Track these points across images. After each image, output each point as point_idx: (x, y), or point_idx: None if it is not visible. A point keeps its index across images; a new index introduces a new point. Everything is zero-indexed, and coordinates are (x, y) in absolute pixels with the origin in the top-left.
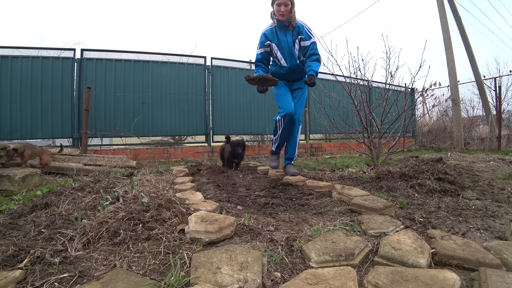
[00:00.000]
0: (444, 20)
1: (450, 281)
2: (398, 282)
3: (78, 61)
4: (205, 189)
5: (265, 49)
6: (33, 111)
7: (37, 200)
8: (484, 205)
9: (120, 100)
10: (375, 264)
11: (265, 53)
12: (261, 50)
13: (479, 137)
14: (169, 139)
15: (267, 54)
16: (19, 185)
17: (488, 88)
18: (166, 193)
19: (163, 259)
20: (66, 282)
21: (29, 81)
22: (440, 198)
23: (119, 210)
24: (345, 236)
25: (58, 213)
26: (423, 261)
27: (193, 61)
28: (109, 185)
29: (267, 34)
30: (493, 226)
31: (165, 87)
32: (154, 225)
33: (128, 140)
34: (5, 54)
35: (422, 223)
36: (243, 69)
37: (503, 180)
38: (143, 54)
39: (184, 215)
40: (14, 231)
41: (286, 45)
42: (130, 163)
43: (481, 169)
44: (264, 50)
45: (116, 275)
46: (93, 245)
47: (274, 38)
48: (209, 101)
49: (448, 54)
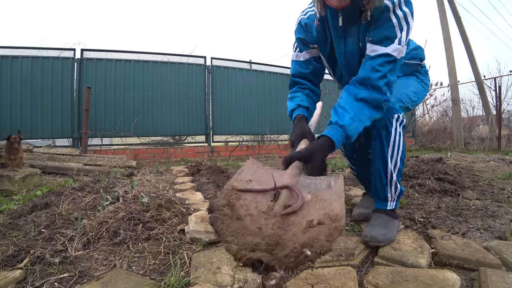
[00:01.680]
0: (444, 20)
1: (450, 281)
2: (398, 282)
3: (78, 61)
4: (205, 189)
5: (310, 53)
6: (33, 111)
7: (37, 200)
8: (484, 205)
9: (120, 100)
10: (375, 264)
11: (312, 59)
12: (302, 55)
13: (479, 137)
14: (169, 139)
15: (316, 62)
16: (19, 185)
17: (488, 88)
18: (166, 193)
19: (163, 259)
20: (66, 282)
21: (29, 81)
22: (440, 198)
23: (119, 210)
24: (345, 236)
25: (58, 213)
26: (423, 261)
27: (193, 61)
28: (109, 185)
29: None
30: (493, 226)
31: (165, 87)
32: (154, 225)
33: (128, 140)
34: (5, 54)
35: (422, 223)
36: (243, 69)
37: (503, 180)
38: (143, 54)
39: (184, 215)
40: (14, 231)
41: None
42: (130, 163)
43: (481, 169)
44: (309, 55)
45: (116, 275)
46: (93, 245)
47: (323, 38)
48: (209, 101)
49: (448, 54)
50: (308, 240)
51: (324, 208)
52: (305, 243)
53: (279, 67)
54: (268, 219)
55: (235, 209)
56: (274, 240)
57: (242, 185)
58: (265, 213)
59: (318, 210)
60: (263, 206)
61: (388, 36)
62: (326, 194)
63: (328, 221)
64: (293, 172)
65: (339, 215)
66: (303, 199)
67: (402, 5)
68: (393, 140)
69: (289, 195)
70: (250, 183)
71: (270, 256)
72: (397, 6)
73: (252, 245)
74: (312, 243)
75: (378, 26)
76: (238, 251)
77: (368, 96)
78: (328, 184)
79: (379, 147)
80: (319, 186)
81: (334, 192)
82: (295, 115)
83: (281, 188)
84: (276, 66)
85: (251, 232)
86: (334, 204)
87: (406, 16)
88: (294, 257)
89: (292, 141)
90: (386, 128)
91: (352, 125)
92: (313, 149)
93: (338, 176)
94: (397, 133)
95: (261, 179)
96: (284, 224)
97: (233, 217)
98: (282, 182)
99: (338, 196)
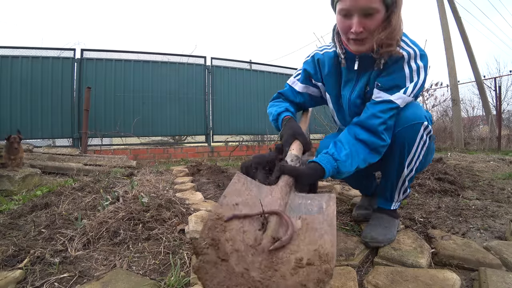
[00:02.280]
0: (444, 20)
1: (450, 281)
2: (398, 282)
3: (78, 61)
4: (205, 189)
5: (307, 88)
6: (33, 111)
7: (37, 200)
8: (484, 205)
9: (120, 100)
10: (375, 264)
11: (306, 95)
12: (299, 86)
13: (479, 137)
14: (169, 139)
15: (307, 99)
16: (19, 185)
17: (488, 88)
18: (166, 193)
19: (163, 259)
20: (66, 282)
21: (29, 81)
22: (440, 198)
23: (119, 210)
24: (345, 236)
25: (58, 213)
26: (423, 261)
27: (193, 61)
28: (109, 185)
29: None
30: (493, 226)
31: (165, 87)
32: (154, 225)
33: (128, 140)
34: (5, 54)
35: (422, 223)
36: (243, 69)
37: (503, 180)
38: (143, 54)
39: (184, 215)
40: (14, 231)
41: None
42: (130, 163)
43: (481, 169)
44: (305, 90)
45: (116, 275)
46: (93, 245)
47: (332, 82)
48: (209, 101)
49: (448, 54)
50: (296, 286)
51: (315, 243)
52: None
53: (279, 67)
54: (255, 256)
55: (220, 247)
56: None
57: (228, 211)
58: (252, 247)
59: (308, 244)
60: (250, 238)
61: (397, 85)
62: (317, 221)
63: (318, 261)
64: (283, 191)
65: (329, 254)
66: (292, 229)
67: (417, 58)
68: (415, 148)
69: (278, 223)
70: (236, 207)
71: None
72: (412, 58)
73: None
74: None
75: (389, 74)
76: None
77: (367, 139)
78: (319, 207)
79: (399, 151)
80: (310, 209)
81: (326, 220)
82: (283, 116)
83: (270, 213)
84: (276, 66)
85: (237, 282)
86: (325, 237)
87: (419, 69)
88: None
89: (284, 141)
90: (413, 134)
91: (347, 162)
92: (304, 173)
93: (330, 197)
94: (422, 141)
95: (248, 201)
96: (273, 262)
97: (218, 261)
98: (271, 204)
99: (330, 225)
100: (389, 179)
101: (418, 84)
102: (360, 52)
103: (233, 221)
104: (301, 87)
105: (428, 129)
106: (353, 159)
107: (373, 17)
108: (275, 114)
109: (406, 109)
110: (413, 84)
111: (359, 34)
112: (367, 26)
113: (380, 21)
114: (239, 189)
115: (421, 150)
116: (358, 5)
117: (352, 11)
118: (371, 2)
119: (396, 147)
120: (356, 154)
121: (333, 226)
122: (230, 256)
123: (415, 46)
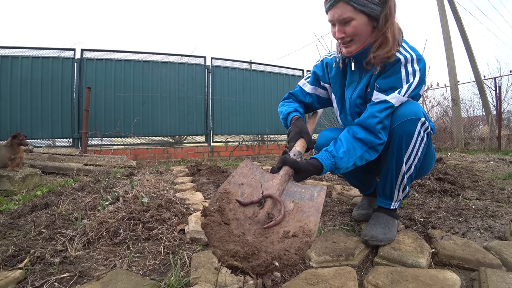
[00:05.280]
0: (444, 20)
1: (450, 281)
2: (398, 282)
3: (78, 61)
4: (205, 189)
5: (315, 90)
6: (33, 111)
7: (37, 200)
8: (484, 205)
9: (120, 100)
10: (375, 264)
11: (314, 95)
12: (309, 87)
13: (479, 137)
14: (169, 139)
15: (315, 99)
16: (19, 185)
17: (488, 88)
18: (166, 193)
19: (163, 259)
20: (66, 282)
21: (29, 81)
22: (440, 198)
23: (119, 210)
24: (345, 236)
25: (58, 213)
26: (423, 261)
27: (193, 61)
28: (109, 185)
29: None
30: (493, 226)
31: (165, 87)
32: (154, 225)
33: (128, 140)
34: (5, 54)
35: (422, 223)
36: (243, 69)
37: (503, 180)
38: (143, 54)
39: (184, 215)
40: (14, 231)
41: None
42: (130, 163)
43: (481, 169)
44: (314, 91)
45: (116, 275)
46: (93, 245)
47: (338, 83)
48: (209, 101)
49: (448, 54)
50: (280, 250)
51: (301, 221)
52: (275, 256)
53: (279, 67)
54: (251, 225)
55: (224, 213)
56: (251, 250)
57: (234, 188)
58: (250, 218)
59: (296, 222)
60: (249, 211)
61: (393, 86)
62: (307, 206)
63: (301, 234)
64: (282, 179)
65: (311, 231)
66: (284, 210)
67: (414, 62)
68: (413, 144)
69: (273, 203)
70: (241, 187)
71: (246, 263)
72: (409, 62)
73: (233, 253)
74: (283, 255)
75: (387, 76)
76: (222, 256)
77: (365, 137)
78: (311, 196)
79: (397, 146)
80: (303, 196)
81: (314, 206)
82: (292, 116)
83: (266, 197)
84: (276, 66)
85: (234, 239)
86: (311, 218)
87: (415, 72)
88: (264, 266)
89: (290, 138)
90: (410, 128)
91: (344, 159)
92: (304, 166)
93: (321, 188)
94: (420, 137)
95: (252, 183)
96: (265, 231)
97: (221, 223)
98: (270, 189)
99: (316, 210)
100: (388, 176)
101: (412, 85)
102: (350, 53)
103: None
104: (310, 88)
105: (425, 125)
106: (350, 156)
107: (350, 24)
108: (285, 113)
109: (402, 107)
110: (408, 85)
111: (342, 39)
112: (347, 32)
113: (361, 25)
114: (246, 172)
115: (419, 146)
116: (334, 17)
117: (334, 21)
118: (343, 13)
119: (393, 142)
120: (354, 151)
121: (319, 211)
122: (231, 222)
123: (413, 51)
